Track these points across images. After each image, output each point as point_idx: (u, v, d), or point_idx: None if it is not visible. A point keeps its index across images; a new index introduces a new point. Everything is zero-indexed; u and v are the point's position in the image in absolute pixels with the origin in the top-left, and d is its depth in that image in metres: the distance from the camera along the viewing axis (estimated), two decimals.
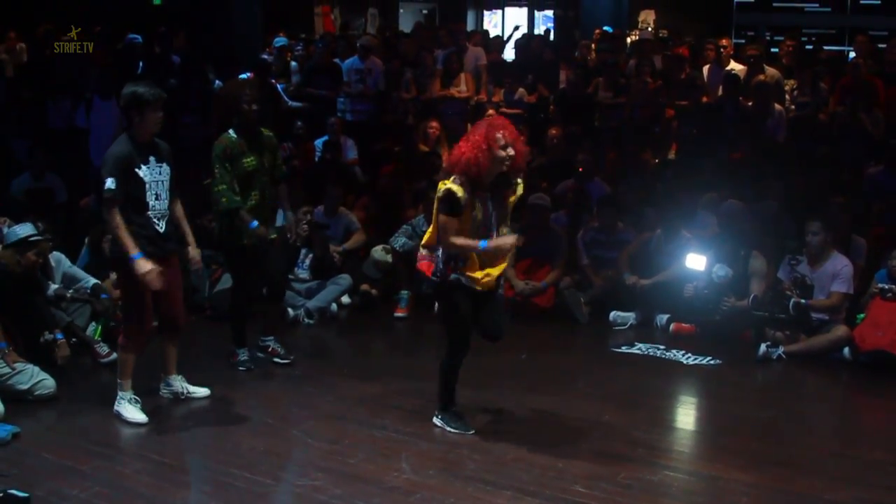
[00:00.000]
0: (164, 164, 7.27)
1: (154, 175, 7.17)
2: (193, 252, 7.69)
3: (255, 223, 8.15)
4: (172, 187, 7.35)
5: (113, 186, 6.94)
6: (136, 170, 7.07)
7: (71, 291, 9.03)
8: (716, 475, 6.48)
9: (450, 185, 6.65)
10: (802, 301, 9.38)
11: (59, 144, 13.48)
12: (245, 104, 8.19)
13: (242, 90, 8.34)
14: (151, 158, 7.18)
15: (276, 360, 8.81)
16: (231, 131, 8.25)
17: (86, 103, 13.60)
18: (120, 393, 7.33)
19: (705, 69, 14.76)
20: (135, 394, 7.35)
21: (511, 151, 6.64)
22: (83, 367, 8.61)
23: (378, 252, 11.27)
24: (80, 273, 9.37)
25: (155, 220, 7.20)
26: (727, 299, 9.78)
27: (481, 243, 6.68)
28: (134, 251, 6.95)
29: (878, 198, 11.40)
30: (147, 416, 7.26)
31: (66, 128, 13.77)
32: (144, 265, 6.96)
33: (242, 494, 6.04)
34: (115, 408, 7.31)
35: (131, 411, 7.27)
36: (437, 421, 7.20)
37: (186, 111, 14.10)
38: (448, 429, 7.11)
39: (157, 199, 7.19)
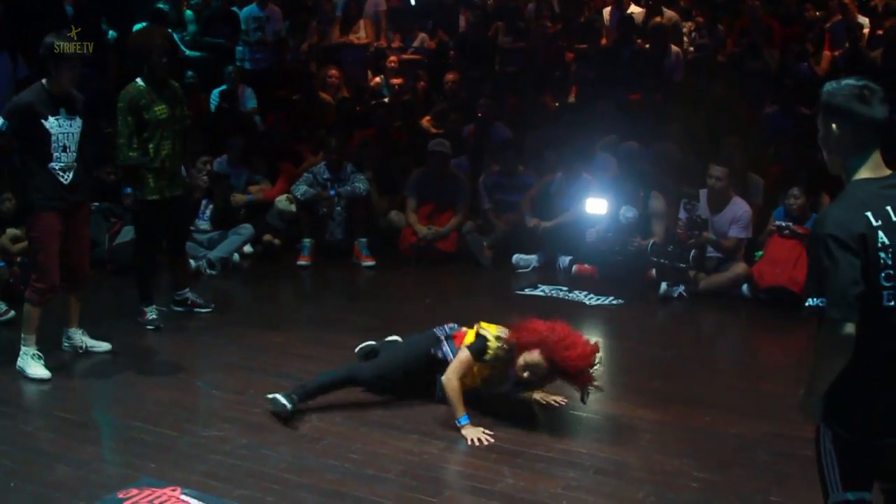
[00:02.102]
0: (77, 117, 7.22)
1: (64, 127, 7.12)
2: None
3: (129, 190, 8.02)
4: (82, 139, 7.29)
5: (2, 128, 7.05)
6: (43, 120, 7.01)
7: None
8: (619, 414, 6.56)
9: (491, 337, 6.27)
10: (710, 255, 9.57)
11: None
12: (156, 55, 8.06)
13: (153, 40, 8.20)
14: (62, 110, 7.11)
15: (198, 310, 8.78)
16: (139, 80, 8.13)
17: None
18: (24, 348, 7.20)
19: (606, 12, 14.81)
20: (38, 349, 7.23)
21: (526, 376, 6.17)
22: None
23: (282, 202, 11.15)
24: None
25: (60, 172, 7.11)
26: (634, 240, 9.85)
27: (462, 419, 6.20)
28: None
29: (775, 137, 11.56)
30: (50, 371, 7.14)
31: None
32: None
33: (149, 447, 5.98)
34: (18, 363, 7.18)
35: (34, 367, 7.13)
36: None
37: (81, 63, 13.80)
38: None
39: (63, 150, 7.12)
